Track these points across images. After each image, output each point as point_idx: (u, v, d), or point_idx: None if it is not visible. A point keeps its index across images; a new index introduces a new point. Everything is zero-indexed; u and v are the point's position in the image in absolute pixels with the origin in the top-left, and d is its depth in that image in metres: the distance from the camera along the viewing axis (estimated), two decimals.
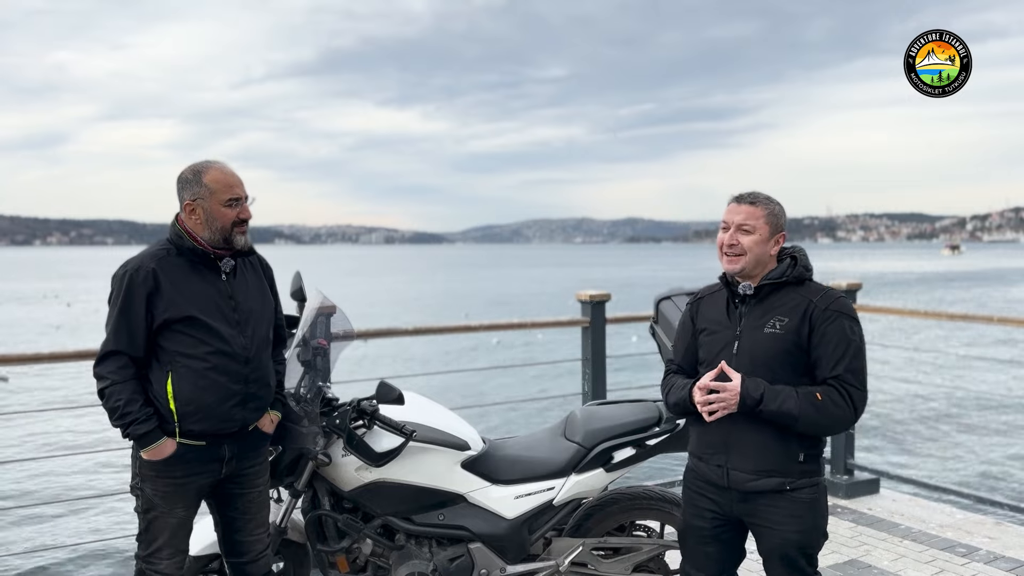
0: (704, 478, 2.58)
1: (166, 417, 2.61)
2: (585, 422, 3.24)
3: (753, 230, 2.48)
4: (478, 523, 3.13)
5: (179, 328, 2.61)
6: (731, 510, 2.55)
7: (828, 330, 2.42)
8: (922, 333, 27.67)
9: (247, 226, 2.72)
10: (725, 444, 2.50)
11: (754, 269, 2.51)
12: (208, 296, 2.66)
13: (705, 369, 2.57)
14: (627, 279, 69.53)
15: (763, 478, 2.45)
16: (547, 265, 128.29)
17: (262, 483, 2.90)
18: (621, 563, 3.24)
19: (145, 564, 2.70)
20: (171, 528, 2.68)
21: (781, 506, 2.46)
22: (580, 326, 4.84)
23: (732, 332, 2.53)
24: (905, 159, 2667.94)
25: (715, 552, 2.62)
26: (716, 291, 2.66)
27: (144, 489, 2.66)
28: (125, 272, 2.62)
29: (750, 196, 2.53)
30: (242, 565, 2.88)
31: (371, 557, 3.13)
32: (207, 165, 2.69)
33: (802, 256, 2.55)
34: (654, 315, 3.34)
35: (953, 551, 4.27)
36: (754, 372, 2.44)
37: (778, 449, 2.44)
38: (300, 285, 3.21)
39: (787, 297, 2.49)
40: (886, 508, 4.94)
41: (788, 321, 2.44)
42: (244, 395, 2.70)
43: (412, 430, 2.99)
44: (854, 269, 79.86)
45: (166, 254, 2.66)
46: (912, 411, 14.89)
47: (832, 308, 2.44)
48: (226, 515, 2.85)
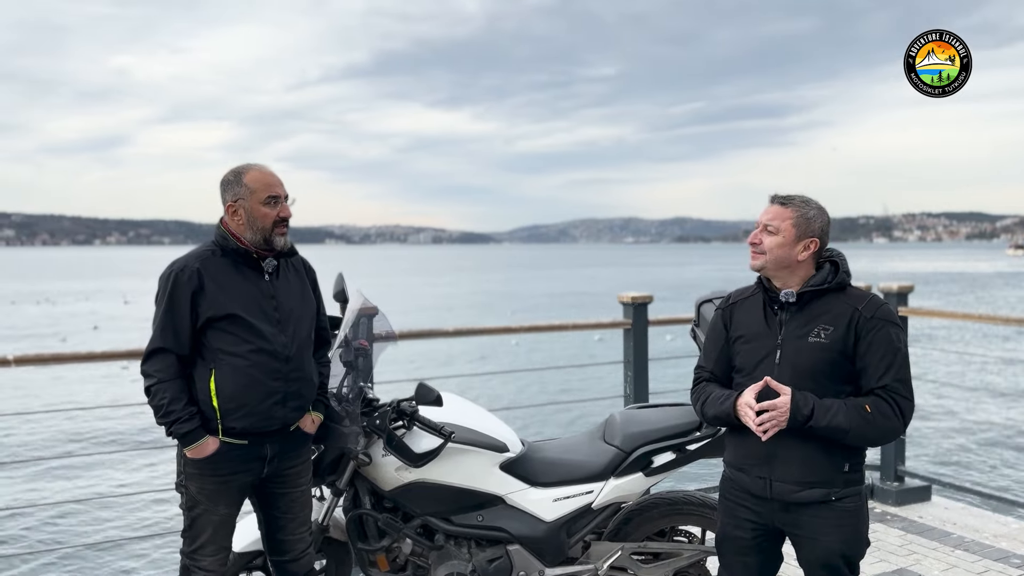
0: (744, 488, 2.53)
1: (209, 414, 2.67)
2: (624, 426, 3.22)
3: (776, 231, 2.43)
4: (517, 525, 3.13)
5: (222, 326, 2.67)
6: (771, 520, 2.50)
7: (875, 339, 2.36)
8: (980, 336, 26.89)
9: (287, 227, 2.76)
10: (768, 456, 2.44)
11: (777, 272, 2.45)
12: (250, 295, 2.72)
13: (742, 378, 2.51)
14: (681, 280, 68.88)
15: (807, 489, 2.40)
16: (596, 265, 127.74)
17: (304, 483, 2.94)
18: (661, 568, 3.22)
19: (189, 560, 2.76)
20: (214, 525, 2.74)
21: (826, 516, 2.41)
22: (622, 328, 4.81)
23: (773, 341, 2.46)
24: (964, 156, 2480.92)
25: (754, 562, 2.58)
26: (750, 296, 2.59)
27: (188, 487, 2.73)
28: (171, 272, 2.69)
29: (783, 197, 2.48)
30: (284, 563, 2.92)
31: (411, 557, 3.16)
32: (247, 166, 2.75)
33: (843, 262, 2.49)
34: (695, 318, 3.30)
35: (1007, 562, 4.14)
36: (797, 382, 2.39)
37: (823, 460, 2.39)
38: (343, 287, 3.26)
39: (830, 304, 2.43)
40: (937, 516, 4.82)
41: (833, 330, 2.38)
42: (284, 393, 2.74)
43: (451, 431, 3.00)
44: (919, 269, 78.09)
45: (211, 255, 2.73)
46: (967, 417, 14.49)
47: (878, 316, 2.38)
48: (269, 514, 2.89)
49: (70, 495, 10.39)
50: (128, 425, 14.36)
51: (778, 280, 2.48)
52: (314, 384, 2.90)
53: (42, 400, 17.93)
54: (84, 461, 12.00)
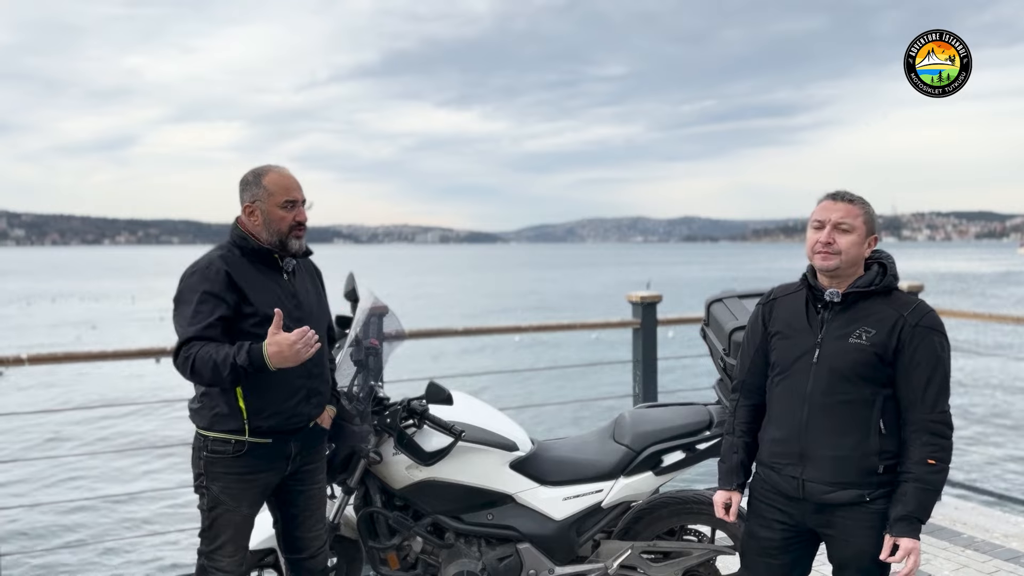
0: (776, 489, 2.49)
1: (235, 415, 2.65)
2: (634, 425, 3.22)
3: (852, 229, 2.37)
4: (527, 523, 3.14)
5: (247, 326, 2.64)
6: (803, 521, 2.47)
7: (919, 348, 2.31)
8: (996, 336, 26.77)
9: (304, 230, 2.76)
10: (801, 455, 2.41)
11: (848, 269, 2.40)
12: (274, 294, 2.71)
13: (778, 375, 2.48)
14: (695, 279, 68.68)
15: (840, 490, 2.37)
16: (605, 264, 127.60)
17: (321, 479, 2.95)
18: (671, 567, 3.22)
19: (207, 560, 2.75)
20: (235, 525, 2.73)
21: (858, 518, 2.37)
22: (631, 327, 4.82)
23: (812, 339, 2.42)
24: (974, 155, 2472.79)
25: (779, 565, 2.54)
26: (794, 292, 2.54)
27: (211, 487, 2.70)
28: (196, 270, 2.65)
29: (847, 194, 2.42)
30: (301, 561, 2.93)
31: (421, 555, 3.17)
32: (267, 168, 2.75)
33: (891, 264, 2.44)
34: (705, 317, 3.31)
35: (1018, 562, 4.13)
36: (832, 382, 2.36)
37: (857, 461, 2.35)
38: (353, 286, 3.27)
39: (875, 307, 2.38)
40: (948, 516, 4.80)
41: (875, 334, 2.34)
42: (308, 390, 2.75)
43: (461, 430, 3.01)
44: (937, 268, 77.53)
45: (231, 254, 2.71)
46: (982, 417, 14.42)
47: (923, 324, 2.33)
48: (287, 512, 2.89)
49: (74, 495, 10.43)
50: (133, 426, 14.44)
51: (836, 280, 2.42)
52: (330, 380, 2.92)
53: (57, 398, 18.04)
54: (85, 461, 12.06)
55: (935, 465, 2.30)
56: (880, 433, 2.35)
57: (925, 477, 2.29)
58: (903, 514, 2.29)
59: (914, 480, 2.29)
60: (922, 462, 2.29)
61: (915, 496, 2.29)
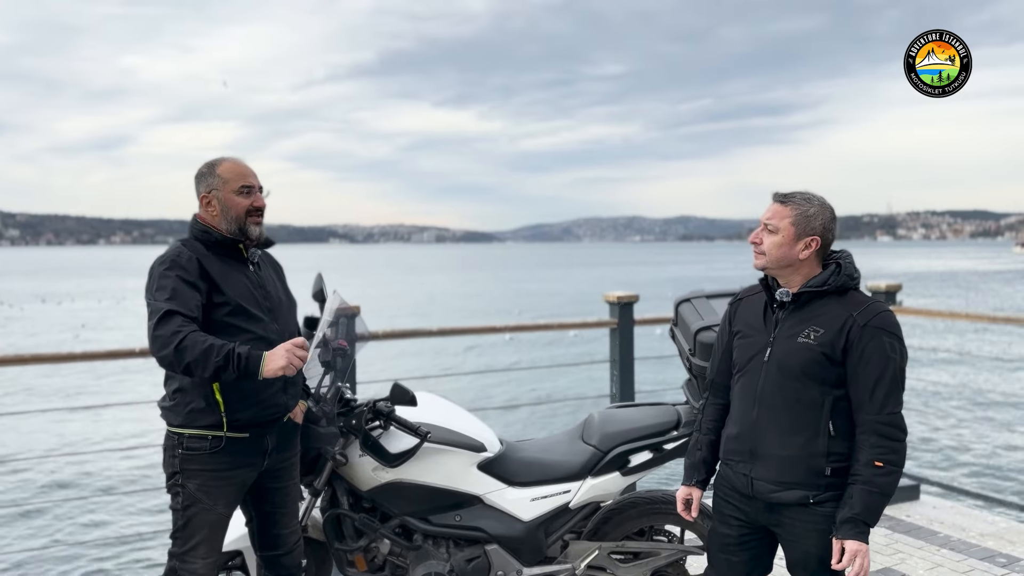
0: (732, 485, 2.52)
1: (212, 408, 2.63)
2: (602, 425, 3.22)
3: (776, 230, 2.38)
4: (494, 524, 3.13)
5: (220, 316, 2.62)
6: (757, 518, 2.48)
7: (868, 348, 2.30)
8: (976, 336, 26.84)
9: (262, 216, 2.75)
10: (751, 453, 2.43)
11: (780, 271, 2.41)
12: (243, 284, 2.70)
13: (737, 373, 2.50)
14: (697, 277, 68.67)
15: (786, 490, 2.37)
16: (597, 264, 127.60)
17: (295, 475, 2.95)
18: (639, 568, 3.21)
19: (179, 562, 2.71)
20: (210, 525, 2.71)
21: (805, 519, 2.38)
22: (608, 327, 4.81)
23: (765, 338, 2.44)
24: (968, 155, 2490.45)
25: (739, 562, 2.55)
26: (757, 292, 2.57)
27: (187, 485, 2.67)
28: (166, 259, 2.62)
29: (784, 195, 2.43)
30: (277, 557, 2.91)
31: (389, 556, 3.16)
32: (221, 159, 2.75)
33: (847, 263, 2.42)
34: (674, 318, 3.31)
35: (992, 561, 4.13)
36: (781, 381, 2.37)
37: (804, 462, 2.36)
38: (321, 286, 3.26)
39: (827, 307, 2.38)
40: (925, 515, 4.81)
41: (824, 333, 2.33)
42: (284, 380, 2.74)
43: (427, 432, 3.01)
44: (935, 268, 77.73)
45: (195, 247, 2.68)
46: (960, 416, 14.44)
47: (873, 324, 2.31)
48: (262, 510, 2.88)
49: (43, 500, 10.32)
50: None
51: (782, 279, 2.44)
52: (302, 372, 2.91)
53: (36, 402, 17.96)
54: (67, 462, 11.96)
55: (882, 468, 2.28)
56: (829, 435, 2.34)
57: (872, 479, 2.28)
58: (848, 516, 2.28)
59: (861, 482, 2.29)
60: (869, 464, 2.29)
61: (861, 499, 2.28)
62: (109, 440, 13.62)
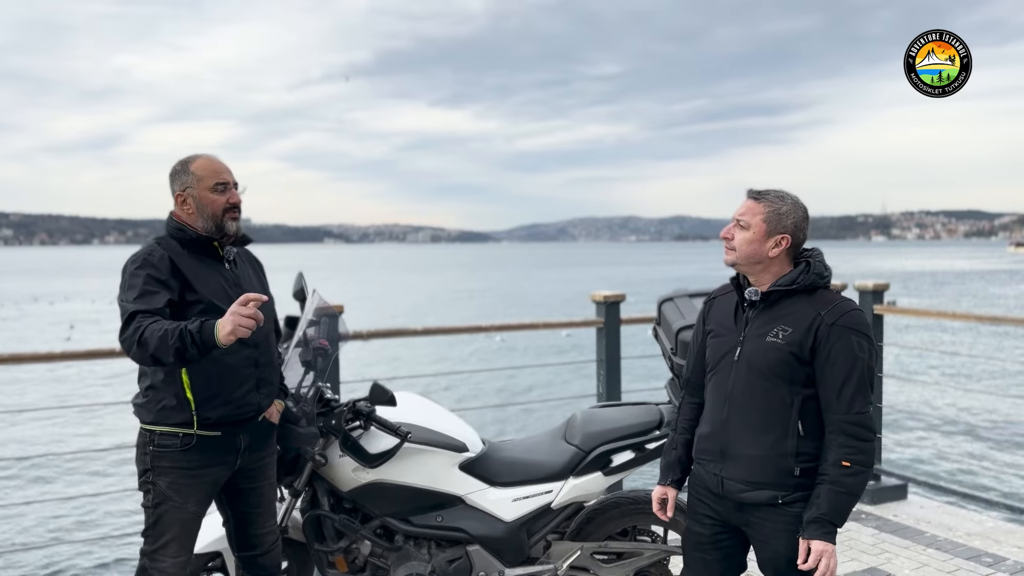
0: (704, 484, 2.51)
1: (183, 406, 2.61)
2: (584, 425, 3.20)
3: (747, 227, 2.37)
4: (476, 525, 3.11)
5: (193, 314, 2.58)
6: (728, 517, 2.48)
7: (835, 347, 2.29)
8: (967, 337, 26.91)
9: (238, 212, 2.73)
10: (722, 452, 2.42)
11: (750, 268, 2.40)
12: (216, 283, 2.68)
13: (710, 372, 2.50)
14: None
15: (755, 490, 2.37)
16: (596, 264, 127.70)
17: (272, 475, 2.92)
18: (622, 568, 3.20)
19: (149, 560, 2.70)
20: (181, 523, 2.69)
21: (774, 519, 2.37)
22: (595, 327, 4.80)
23: (736, 338, 2.43)
24: (963, 155, 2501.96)
25: (713, 560, 2.54)
26: (728, 292, 2.57)
27: (157, 482, 2.66)
28: (137, 258, 2.61)
29: (759, 192, 2.41)
30: (255, 558, 2.90)
31: (370, 557, 3.14)
32: (194, 156, 2.73)
33: (816, 262, 2.40)
34: (657, 317, 3.29)
35: (979, 560, 4.12)
36: (750, 381, 2.36)
37: (773, 462, 2.35)
38: (302, 285, 3.24)
39: (796, 306, 2.36)
40: (912, 515, 4.80)
41: (792, 332, 2.32)
42: (257, 379, 2.72)
43: (407, 432, 2.98)
44: (933, 267, 77.97)
45: (170, 245, 2.67)
46: (948, 415, 14.47)
47: (840, 323, 2.30)
48: (238, 510, 2.86)
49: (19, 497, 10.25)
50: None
51: (752, 277, 2.43)
52: (279, 373, 2.89)
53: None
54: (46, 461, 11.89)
55: (850, 468, 2.27)
56: (799, 435, 2.33)
57: (839, 479, 2.27)
58: (815, 516, 2.27)
59: (828, 482, 2.27)
60: (836, 464, 2.27)
61: (828, 499, 2.27)
62: (92, 436, 13.59)
